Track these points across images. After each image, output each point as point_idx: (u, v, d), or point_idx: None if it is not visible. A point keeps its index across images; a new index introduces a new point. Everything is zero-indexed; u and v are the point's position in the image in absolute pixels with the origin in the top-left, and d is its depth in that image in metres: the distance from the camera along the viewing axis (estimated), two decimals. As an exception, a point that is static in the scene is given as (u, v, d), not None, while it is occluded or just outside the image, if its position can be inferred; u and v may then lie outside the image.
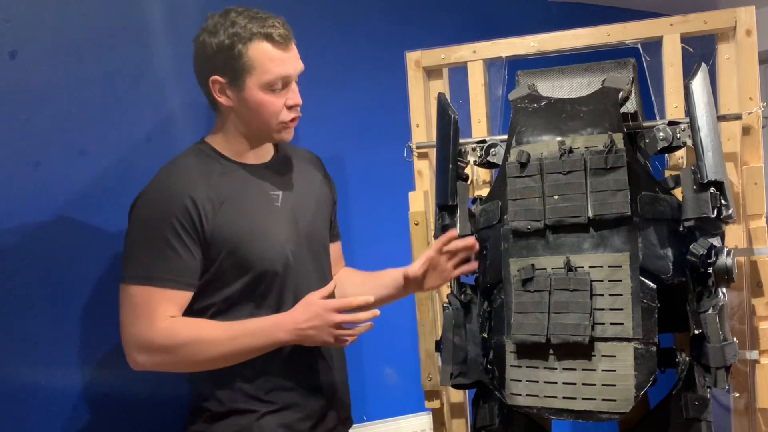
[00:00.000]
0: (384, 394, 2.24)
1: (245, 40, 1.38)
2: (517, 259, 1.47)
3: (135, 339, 1.37)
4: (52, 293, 1.68)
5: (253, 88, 1.40)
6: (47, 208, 1.68)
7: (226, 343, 1.37)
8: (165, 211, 1.37)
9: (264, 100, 1.41)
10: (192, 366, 1.41)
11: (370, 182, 2.16)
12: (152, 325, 1.36)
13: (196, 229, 1.38)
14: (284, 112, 1.44)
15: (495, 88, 1.79)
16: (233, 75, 1.40)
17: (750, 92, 1.58)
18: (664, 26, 1.64)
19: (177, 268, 1.37)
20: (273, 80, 1.40)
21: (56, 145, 1.70)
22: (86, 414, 1.72)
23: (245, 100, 1.42)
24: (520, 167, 1.47)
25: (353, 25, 2.21)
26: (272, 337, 1.38)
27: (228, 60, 1.39)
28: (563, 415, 1.41)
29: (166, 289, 1.37)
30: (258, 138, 1.49)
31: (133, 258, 1.39)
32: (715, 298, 1.39)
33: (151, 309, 1.36)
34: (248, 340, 1.37)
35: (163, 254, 1.36)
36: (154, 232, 1.37)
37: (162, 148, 1.84)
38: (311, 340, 1.37)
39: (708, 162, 1.39)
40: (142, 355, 1.38)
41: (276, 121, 1.44)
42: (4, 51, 1.63)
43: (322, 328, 1.35)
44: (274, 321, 1.39)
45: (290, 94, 1.44)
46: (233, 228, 1.41)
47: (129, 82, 1.80)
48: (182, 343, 1.36)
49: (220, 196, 1.41)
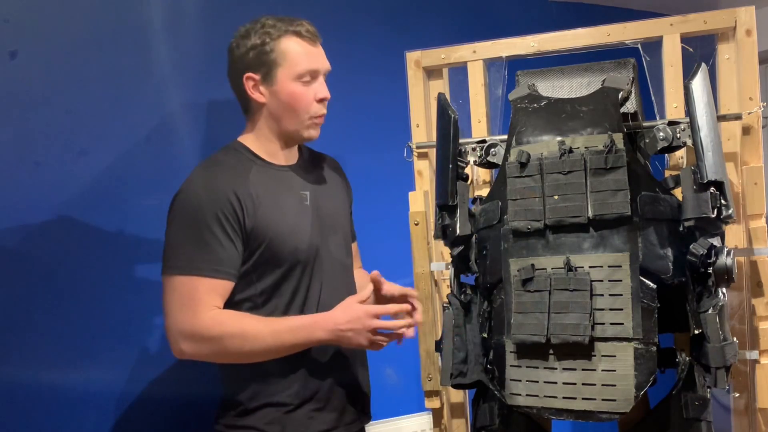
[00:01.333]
0: (384, 394, 2.24)
1: (275, 36, 1.48)
2: (517, 259, 1.47)
3: (181, 328, 1.41)
4: (52, 293, 1.68)
5: (284, 81, 1.48)
6: (47, 208, 1.68)
7: (267, 337, 1.41)
8: (210, 205, 1.42)
9: (295, 91, 1.49)
10: (233, 357, 1.44)
11: (370, 182, 2.15)
12: (198, 314, 1.40)
13: (239, 221, 1.43)
14: (314, 105, 1.51)
15: (495, 88, 1.79)
16: (266, 70, 1.48)
17: (750, 92, 1.58)
18: (664, 26, 1.64)
19: (220, 259, 1.42)
20: (303, 71, 1.48)
21: (56, 145, 1.70)
22: (86, 414, 1.72)
23: (277, 93, 1.49)
24: (520, 167, 1.47)
25: (353, 25, 2.21)
26: (312, 335, 1.43)
27: (260, 56, 1.48)
28: (563, 415, 1.40)
29: (211, 278, 1.41)
30: (288, 135, 1.54)
31: (178, 250, 1.43)
32: (715, 298, 1.39)
33: (198, 298, 1.40)
34: (288, 336, 1.42)
35: (207, 245, 1.41)
36: (198, 224, 1.41)
37: (162, 148, 1.85)
38: (348, 341, 1.43)
39: (708, 162, 1.39)
40: (187, 343, 1.41)
41: (307, 114, 1.51)
42: (4, 51, 1.63)
43: (360, 332, 1.42)
44: (314, 320, 1.44)
45: (319, 87, 1.51)
46: (270, 223, 1.46)
47: (129, 82, 1.81)
48: (227, 334, 1.40)
49: (258, 192, 1.47)
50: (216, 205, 1.42)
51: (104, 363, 1.75)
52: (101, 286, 1.75)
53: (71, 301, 1.70)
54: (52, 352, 1.68)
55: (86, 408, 1.72)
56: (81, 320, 1.71)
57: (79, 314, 1.71)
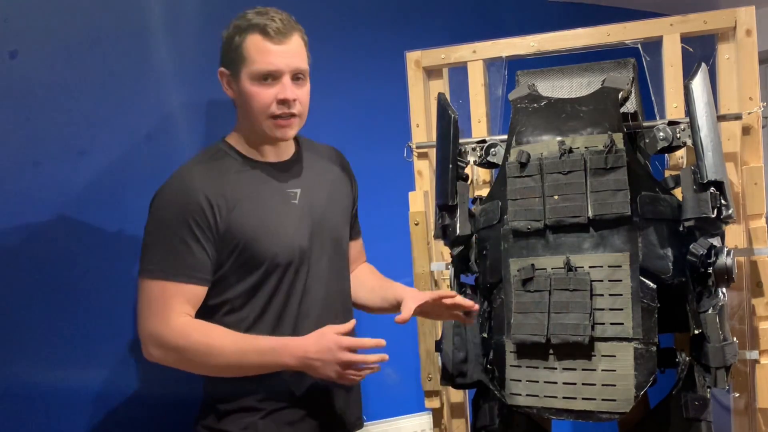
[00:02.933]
0: (384, 394, 2.24)
1: (243, 32, 1.42)
2: (517, 259, 1.47)
3: (150, 333, 1.40)
4: (52, 293, 1.68)
5: (244, 80, 1.43)
6: (47, 208, 1.68)
7: (232, 354, 1.38)
8: (180, 209, 1.40)
9: (251, 92, 1.42)
10: (199, 369, 1.43)
11: (370, 182, 2.15)
12: (166, 321, 1.38)
13: (210, 226, 1.40)
14: (273, 105, 1.43)
15: (495, 88, 1.80)
16: (233, 67, 1.44)
17: (750, 92, 1.58)
18: (664, 26, 1.64)
19: (190, 264, 1.39)
20: (259, 71, 1.41)
21: (56, 145, 1.70)
22: (86, 413, 1.72)
23: (239, 92, 1.45)
24: (520, 167, 1.47)
25: (353, 25, 2.21)
26: (278, 360, 1.38)
27: (228, 51, 1.45)
28: (563, 415, 1.41)
29: (180, 283, 1.39)
30: (259, 132, 1.48)
31: (149, 253, 1.41)
32: (715, 298, 1.39)
33: (166, 303, 1.38)
34: (255, 357, 1.38)
35: (177, 250, 1.39)
36: (169, 228, 1.40)
37: (162, 148, 1.85)
38: (315, 371, 1.37)
39: (708, 162, 1.39)
40: (156, 349, 1.40)
41: (264, 115, 1.43)
42: (4, 51, 1.63)
43: (329, 363, 1.35)
44: (284, 344, 1.39)
45: (281, 87, 1.42)
46: (246, 225, 1.43)
47: (129, 82, 1.80)
48: (193, 345, 1.38)
49: (235, 193, 1.44)
50: (186, 210, 1.39)
51: (104, 363, 1.75)
52: (101, 286, 1.74)
53: (71, 301, 1.70)
54: (51, 351, 1.68)
55: (86, 408, 1.72)
56: (81, 320, 1.71)
57: (79, 314, 1.71)
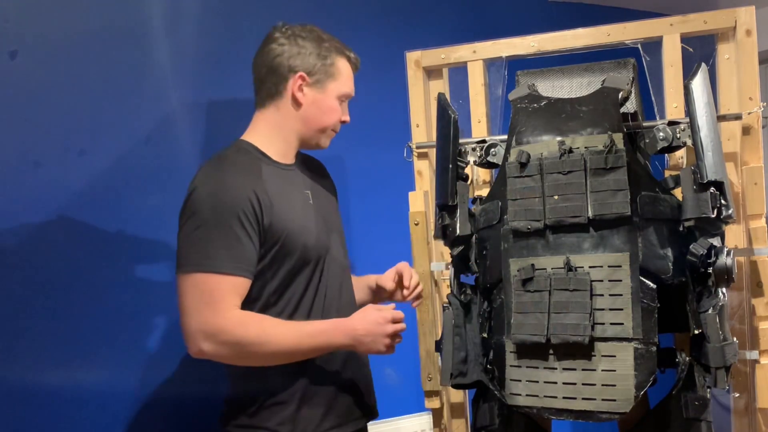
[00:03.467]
0: (384, 394, 2.24)
1: (337, 52, 1.57)
2: (517, 259, 1.47)
3: (202, 328, 1.39)
4: (52, 293, 1.68)
5: (331, 94, 1.57)
6: (47, 208, 1.68)
7: (287, 342, 1.43)
8: (231, 203, 1.42)
9: (332, 107, 1.58)
10: (253, 360, 1.44)
11: (370, 182, 2.15)
12: (220, 314, 1.39)
13: (257, 220, 1.44)
14: (339, 123, 1.61)
15: (495, 88, 1.79)
16: (319, 77, 1.55)
17: (750, 92, 1.58)
18: (664, 26, 1.64)
19: (240, 256, 1.42)
20: (345, 93, 1.59)
21: (56, 145, 1.70)
22: (86, 413, 1.72)
23: (320, 101, 1.56)
24: (520, 167, 1.47)
25: (353, 25, 2.21)
26: (330, 340, 1.46)
27: (318, 63, 1.55)
28: (563, 415, 1.40)
29: (232, 276, 1.41)
30: (307, 138, 1.59)
31: (196, 247, 1.41)
32: (715, 298, 1.39)
33: (219, 297, 1.39)
34: (309, 340, 1.44)
35: (227, 243, 1.41)
36: (218, 222, 1.41)
37: (162, 148, 1.85)
38: (366, 347, 1.47)
39: (708, 162, 1.39)
40: (207, 343, 1.39)
41: (331, 128, 1.60)
42: (4, 51, 1.63)
43: (378, 339, 1.46)
44: (333, 325, 1.47)
45: (345, 110, 1.62)
46: (285, 220, 1.48)
47: (129, 82, 1.81)
48: (250, 335, 1.40)
49: (272, 190, 1.49)
50: (237, 204, 1.41)
51: (104, 363, 1.75)
52: (101, 286, 1.75)
53: (71, 301, 1.70)
54: (51, 351, 1.68)
55: (86, 408, 1.72)
56: (81, 320, 1.71)
57: (79, 314, 1.71)
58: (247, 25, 1.97)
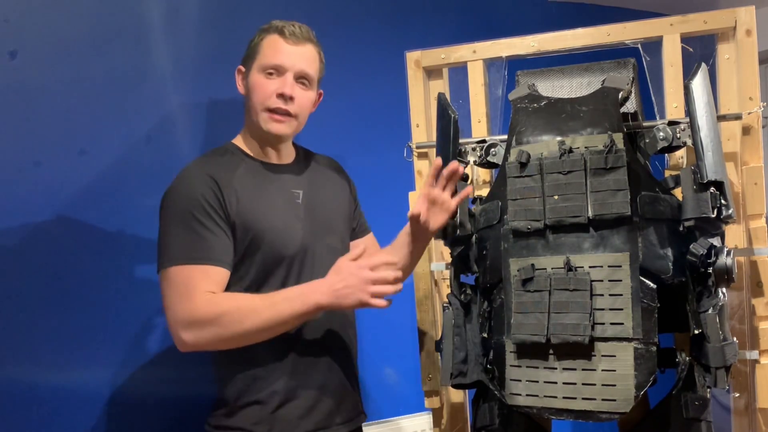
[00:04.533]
0: (384, 394, 2.24)
1: (263, 33, 1.54)
2: (517, 259, 1.47)
3: (179, 317, 1.40)
4: (53, 293, 1.68)
5: (253, 72, 1.52)
6: (47, 208, 1.68)
7: (265, 310, 1.39)
8: (192, 194, 1.43)
9: (256, 82, 1.51)
10: (235, 339, 1.41)
11: (370, 182, 2.15)
12: (193, 300, 1.39)
13: (222, 209, 1.44)
14: (273, 98, 1.50)
15: (495, 88, 1.79)
16: (248, 63, 1.54)
17: (750, 92, 1.58)
18: (664, 26, 1.64)
19: (211, 246, 1.42)
20: (266, 64, 1.50)
21: (56, 145, 1.70)
22: (85, 413, 1.72)
23: (249, 85, 1.53)
24: (520, 167, 1.47)
25: (353, 25, 2.21)
26: (309, 300, 1.39)
27: (249, 49, 1.55)
28: (563, 415, 1.40)
29: (203, 265, 1.41)
30: (256, 130, 1.54)
31: (169, 243, 1.43)
32: (715, 298, 1.39)
33: (192, 286, 1.39)
34: (286, 306, 1.39)
35: (196, 234, 1.41)
36: (184, 215, 1.42)
37: (162, 148, 1.85)
38: (348, 299, 1.39)
39: (708, 162, 1.39)
40: (187, 332, 1.39)
41: (262, 106, 1.50)
42: (4, 51, 1.64)
43: (357, 286, 1.38)
44: (308, 286, 1.42)
45: (282, 83, 1.50)
46: (254, 216, 1.46)
47: (129, 82, 1.81)
48: (223, 312, 1.38)
49: (242, 187, 1.48)
50: (198, 194, 1.42)
51: (104, 362, 1.75)
52: (101, 286, 1.75)
53: (71, 301, 1.70)
54: (51, 351, 1.68)
55: (87, 408, 1.72)
56: (80, 320, 1.71)
57: (79, 314, 1.71)
58: (247, 25, 1.97)
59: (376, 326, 2.13)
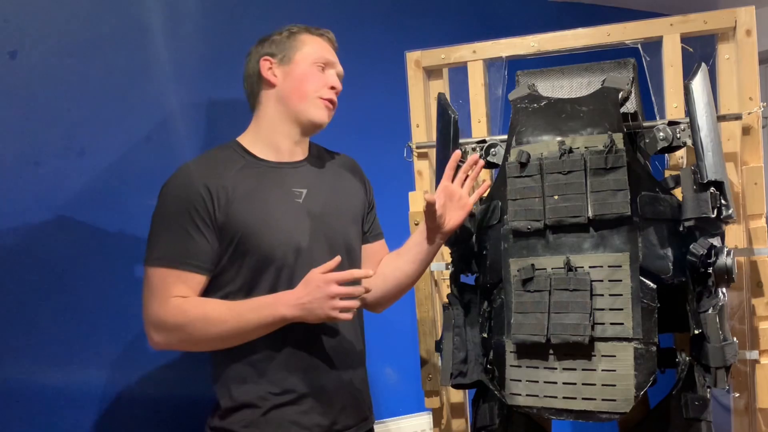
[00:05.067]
0: (384, 394, 2.24)
1: (297, 32, 1.56)
2: (517, 259, 1.47)
3: (150, 318, 1.42)
4: (53, 293, 1.68)
5: (300, 62, 1.53)
6: (47, 208, 1.68)
7: (230, 320, 1.40)
8: (181, 199, 1.43)
9: (309, 71, 1.54)
10: (203, 344, 1.43)
11: (371, 182, 2.15)
12: (164, 304, 1.40)
13: (209, 215, 1.43)
14: (326, 89, 1.55)
15: (495, 88, 1.79)
16: (283, 54, 1.54)
17: (750, 92, 1.58)
18: (664, 26, 1.64)
19: (190, 252, 1.42)
20: (318, 58, 1.55)
21: (56, 145, 1.70)
22: (88, 414, 1.72)
23: (291, 72, 1.53)
24: (520, 167, 1.47)
25: (353, 25, 2.21)
26: (275, 313, 1.39)
27: (281, 43, 1.55)
28: (563, 415, 1.40)
29: (179, 270, 1.41)
30: (296, 117, 1.54)
31: (152, 242, 1.44)
32: (715, 298, 1.39)
33: (165, 289, 1.40)
34: (252, 315, 1.39)
35: (178, 238, 1.41)
36: (170, 218, 1.43)
37: (162, 148, 1.85)
38: (313, 314, 1.37)
39: (708, 162, 1.39)
40: (157, 334, 1.42)
41: (316, 93, 1.54)
42: (4, 51, 1.63)
43: (321, 300, 1.36)
44: (276, 297, 1.42)
45: (332, 77, 1.57)
46: (245, 217, 1.45)
47: (129, 82, 1.81)
48: (190, 320, 1.39)
49: (236, 186, 1.46)
50: (187, 200, 1.42)
51: (104, 362, 1.75)
52: (101, 286, 1.74)
53: (71, 301, 1.70)
54: (51, 351, 1.68)
55: (88, 408, 1.72)
56: (80, 320, 1.71)
57: (79, 314, 1.71)
58: (247, 25, 1.97)
59: (376, 326, 2.12)
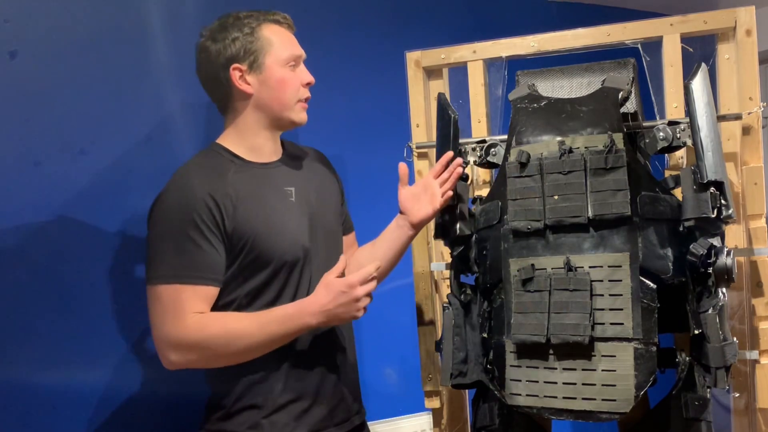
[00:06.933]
0: (384, 394, 2.24)
1: (256, 25, 1.48)
2: (517, 259, 1.47)
3: (167, 338, 1.39)
4: (53, 293, 1.68)
5: (272, 66, 1.48)
6: (47, 208, 1.68)
7: (255, 333, 1.39)
8: (187, 210, 1.40)
9: (284, 76, 1.49)
10: (224, 359, 1.42)
11: (370, 182, 2.15)
12: (182, 322, 1.37)
13: (217, 225, 1.41)
14: (301, 89, 1.53)
15: (495, 88, 1.79)
16: (252, 59, 1.47)
17: (750, 92, 1.58)
18: (664, 26, 1.64)
19: (202, 264, 1.39)
20: (289, 57, 1.49)
21: (56, 145, 1.70)
22: (89, 414, 1.72)
23: (267, 80, 1.48)
24: (520, 167, 1.47)
25: (353, 24, 2.21)
26: (300, 323, 1.39)
27: (245, 45, 1.47)
28: (563, 415, 1.40)
29: (193, 285, 1.39)
30: (277, 124, 1.53)
31: (158, 259, 1.40)
32: (715, 298, 1.39)
33: (180, 306, 1.38)
34: (276, 327, 1.39)
35: (187, 252, 1.39)
36: (177, 231, 1.39)
37: (162, 148, 1.85)
38: (339, 318, 1.39)
39: (708, 162, 1.39)
40: (174, 353, 1.39)
41: (295, 99, 1.51)
42: (4, 51, 1.63)
43: (350, 305, 1.38)
44: (300, 306, 1.40)
45: (303, 72, 1.53)
46: (252, 223, 1.44)
47: (129, 82, 1.81)
48: (212, 336, 1.38)
49: (238, 192, 1.45)
50: (192, 210, 1.39)
51: (105, 363, 1.75)
52: (101, 286, 1.74)
53: (70, 302, 1.70)
54: (52, 351, 1.68)
55: (88, 408, 1.72)
56: (80, 320, 1.71)
57: (78, 314, 1.71)
58: (247, 25, 1.97)
59: (376, 326, 2.13)
